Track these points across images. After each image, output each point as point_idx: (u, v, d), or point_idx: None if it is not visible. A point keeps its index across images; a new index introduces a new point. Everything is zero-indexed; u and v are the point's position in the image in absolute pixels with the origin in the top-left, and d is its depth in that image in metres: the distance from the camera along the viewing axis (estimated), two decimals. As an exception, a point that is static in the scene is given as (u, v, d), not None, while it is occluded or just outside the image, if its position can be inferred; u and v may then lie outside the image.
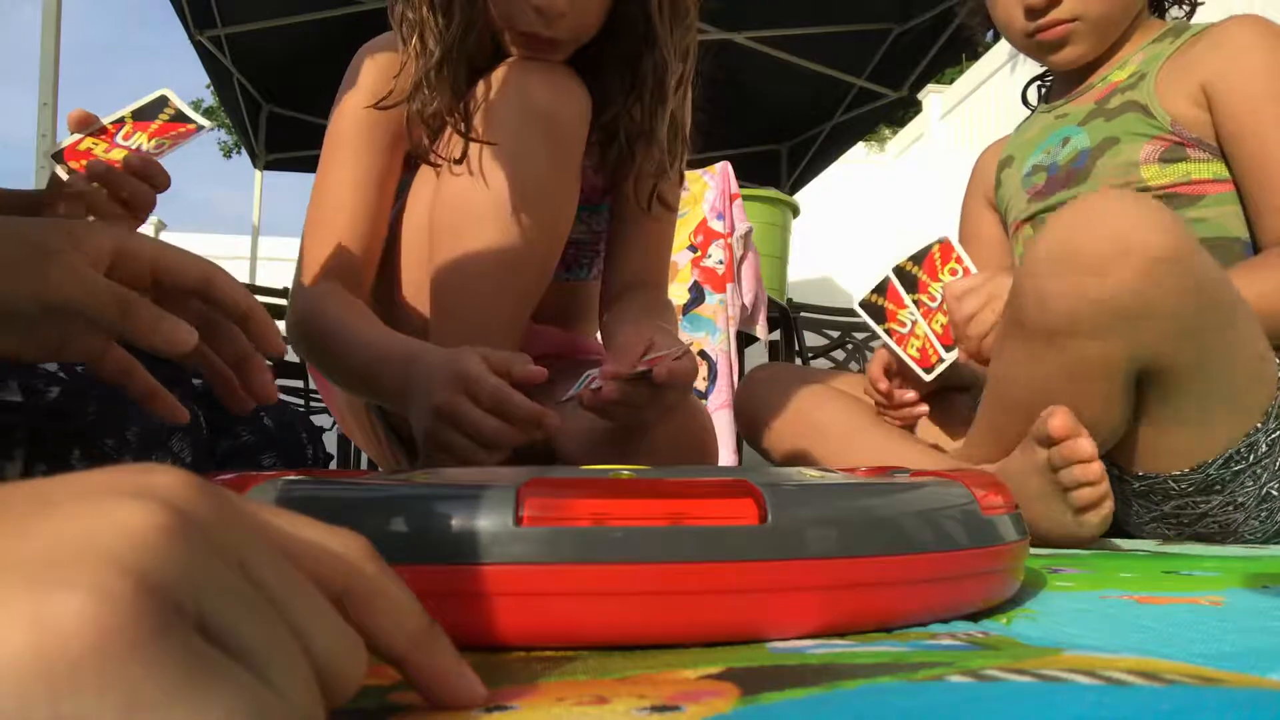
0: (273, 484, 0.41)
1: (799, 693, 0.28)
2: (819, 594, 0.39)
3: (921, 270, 0.99)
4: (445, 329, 0.89)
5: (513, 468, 0.69)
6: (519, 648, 0.36)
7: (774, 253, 2.91)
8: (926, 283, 0.99)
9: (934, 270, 0.99)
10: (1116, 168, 1.05)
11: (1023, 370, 0.88)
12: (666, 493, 0.39)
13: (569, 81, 0.90)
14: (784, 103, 3.99)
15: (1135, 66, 1.09)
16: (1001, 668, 0.30)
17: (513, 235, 0.87)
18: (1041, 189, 1.14)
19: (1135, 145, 1.04)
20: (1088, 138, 1.09)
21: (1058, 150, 1.13)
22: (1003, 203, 1.23)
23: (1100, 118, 1.09)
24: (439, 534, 0.36)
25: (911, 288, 1.00)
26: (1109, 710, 0.25)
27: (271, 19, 3.43)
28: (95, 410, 0.59)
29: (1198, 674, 0.29)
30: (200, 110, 4.86)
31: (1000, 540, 0.45)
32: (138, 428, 0.60)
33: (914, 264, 0.99)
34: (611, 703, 0.28)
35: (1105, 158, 1.06)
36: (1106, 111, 1.08)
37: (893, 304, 1.03)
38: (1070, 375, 0.83)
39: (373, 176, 0.95)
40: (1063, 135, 1.13)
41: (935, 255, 0.98)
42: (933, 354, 1.02)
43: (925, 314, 1.01)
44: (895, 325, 1.03)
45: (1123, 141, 1.05)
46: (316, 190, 0.97)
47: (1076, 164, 1.10)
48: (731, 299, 2.48)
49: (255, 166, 4.30)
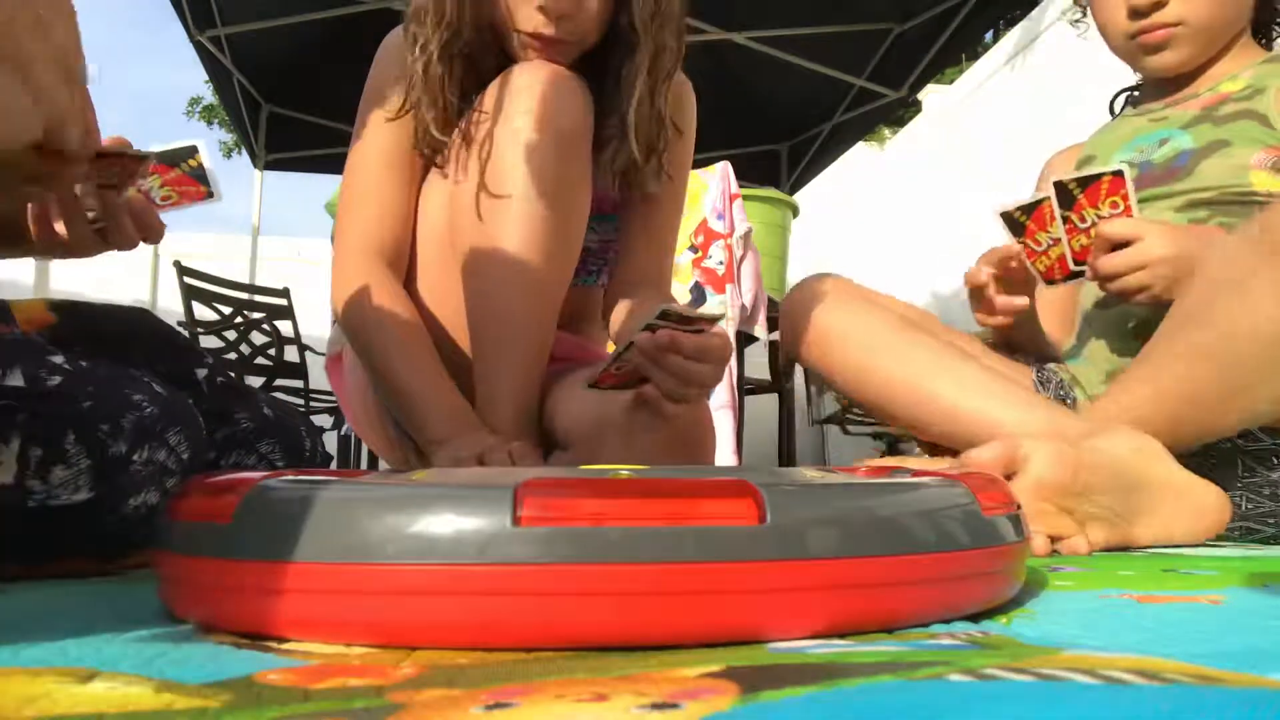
0: (273, 483, 0.41)
1: (799, 691, 0.28)
2: (819, 594, 0.38)
3: (1084, 193, 0.99)
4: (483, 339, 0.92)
5: (512, 468, 0.69)
6: (519, 648, 0.36)
7: (774, 253, 2.90)
8: (1083, 204, 0.99)
9: (1095, 197, 0.99)
10: (1224, 169, 1.04)
11: (1270, 300, 0.78)
12: (666, 493, 0.39)
13: (572, 83, 0.91)
14: (784, 103, 3.99)
15: (1248, 81, 1.09)
16: (1002, 667, 0.30)
17: (534, 241, 0.89)
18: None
19: (1248, 150, 1.03)
20: (1191, 140, 1.08)
21: (1153, 149, 1.12)
22: None
23: (1208, 123, 1.08)
24: (438, 534, 0.36)
25: (1067, 205, 0.99)
26: (1109, 710, 0.25)
27: (271, 19, 3.42)
28: (93, 398, 0.59)
29: (1198, 673, 0.29)
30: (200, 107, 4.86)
31: (1001, 540, 0.45)
32: (134, 416, 0.60)
33: (1078, 185, 0.99)
34: (611, 700, 0.28)
35: (1213, 159, 1.05)
36: (1216, 118, 1.07)
37: (1035, 224, 1.03)
38: None
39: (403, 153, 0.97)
40: (1160, 136, 1.12)
41: (1104, 183, 0.98)
42: (1059, 271, 1.02)
43: (1070, 232, 1.00)
44: (1030, 242, 1.03)
45: (1234, 145, 1.04)
46: (350, 167, 0.99)
47: (1177, 163, 1.08)
48: (731, 299, 2.48)
49: (255, 166, 4.30)
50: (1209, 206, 1.04)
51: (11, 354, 0.58)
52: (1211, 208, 1.03)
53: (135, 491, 0.60)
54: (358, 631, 0.38)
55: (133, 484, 0.60)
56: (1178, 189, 1.07)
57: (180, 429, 0.63)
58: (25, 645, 0.37)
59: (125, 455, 0.59)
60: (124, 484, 0.59)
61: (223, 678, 0.32)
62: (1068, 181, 0.99)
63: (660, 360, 0.77)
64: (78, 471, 0.58)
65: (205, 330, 3.41)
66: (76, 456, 0.58)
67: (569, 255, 0.94)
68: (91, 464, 0.58)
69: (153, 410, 0.62)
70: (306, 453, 0.83)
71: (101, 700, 0.29)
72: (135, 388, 0.62)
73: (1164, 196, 1.07)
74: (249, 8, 3.40)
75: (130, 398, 0.61)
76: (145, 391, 0.62)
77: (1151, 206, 1.07)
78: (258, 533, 0.39)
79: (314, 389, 3.68)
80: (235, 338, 3.43)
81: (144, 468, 0.60)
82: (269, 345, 3.51)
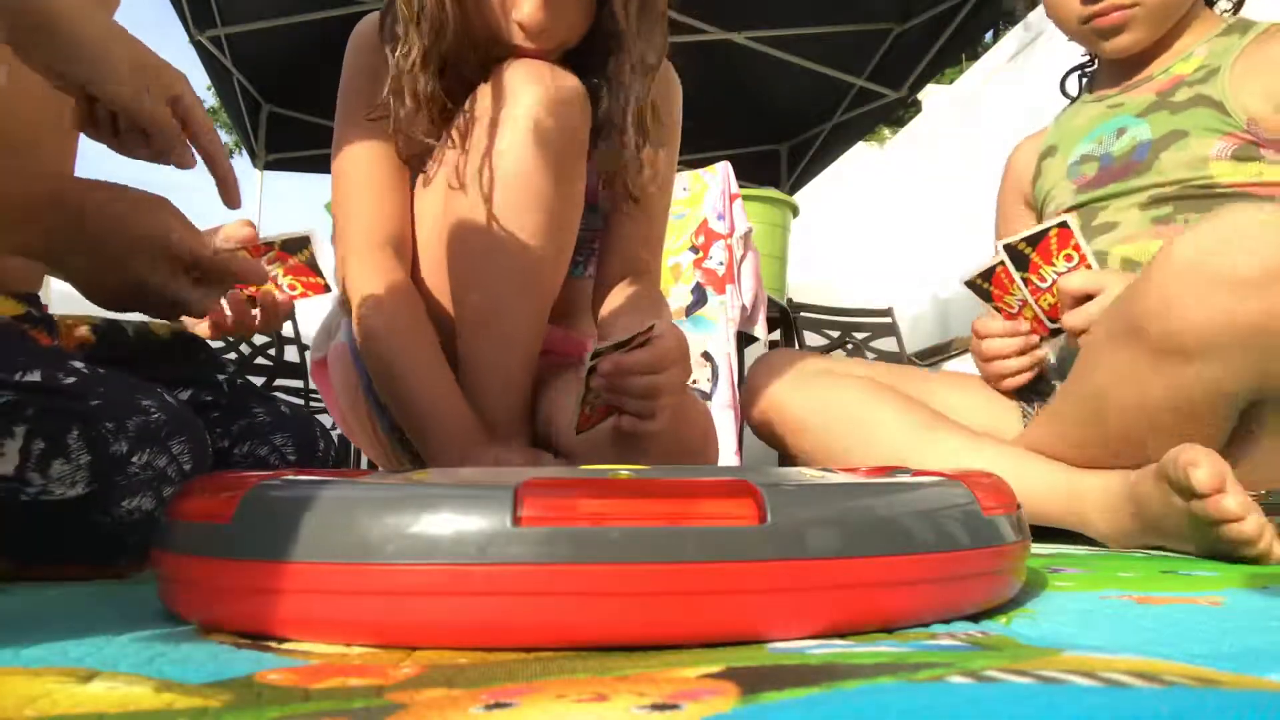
0: (274, 483, 0.41)
1: (799, 692, 0.28)
2: (819, 594, 0.38)
3: (1035, 252, 0.99)
4: (472, 336, 0.91)
5: (513, 468, 0.69)
6: (519, 648, 0.36)
7: (774, 253, 2.90)
8: (1039, 264, 0.98)
9: (1048, 254, 0.98)
10: (1184, 162, 1.02)
11: (1128, 382, 0.82)
12: (666, 493, 0.39)
13: (567, 80, 0.91)
14: (784, 103, 3.98)
15: (1202, 60, 1.06)
16: (1001, 668, 0.30)
17: (524, 241, 0.88)
18: (1093, 179, 1.10)
19: (1206, 140, 1.01)
20: (1149, 129, 1.06)
21: (1111, 140, 1.10)
22: (1041, 192, 1.19)
23: (1164, 110, 1.05)
24: (438, 534, 0.36)
25: (1022, 267, 0.99)
26: (1109, 712, 0.25)
27: (271, 19, 3.42)
28: (101, 398, 0.60)
29: (1197, 675, 0.29)
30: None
31: (1001, 541, 0.45)
32: (140, 419, 0.61)
33: (1028, 245, 0.98)
34: (611, 700, 0.28)
35: (1171, 151, 1.03)
36: (1172, 104, 1.05)
37: (998, 288, 1.02)
38: (1185, 396, 0.78)
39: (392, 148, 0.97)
40: (1117, 125, 1.10)
41: (1052, 238, 0.97)
42: (1039, 329, 1.03)
43: (1034, 293, 1.00)
44: (1001, 305, 1.04)
45: (1192, 135, 1.02)
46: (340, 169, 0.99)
47: (1136, 156, 1.06)
48: (731, 299, 2.48)
49: (255, 166, 4.30)
50: (1172, 202, 1.02)
51: (37, 357, 0.60)
52: (1174, 203, 1.02)
53: (131, 493, 0.60)
54: (358, 631, 0.38)
55: (129, 485, 0.60)
56: (1139, 184, 1.05)
57: (185, 439, 0.63)
58: (25, 645, 0.37)
59: (125, 455, 0.59)
60: (120, 483, 0.59)
61: (223, 678, 0.32)
62: (1017, 243, 0.99)
63: (621, 387, 0.77)
64: (76, 467, 0.58)
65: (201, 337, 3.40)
66: (77, 452, 0.58)
67: (563, 254, 0.94)
68: (91, 460, 0.58)
69: (159, 416, 0.62)
70: (319, 452, 0.83)
71: (101, 700, 0.29)
72: (147, 395, 0.63)
73: (1126, 193, 1.05)
74: (249, 8, 3.39)
75: (139, 402, 0.62)
76: (155, 399, 0.63)
77: (1115, 203, 1.06)
78: (258, 533, 0.39)
79: (314, 389, 3.68)
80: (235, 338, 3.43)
81: (142, 471, 0.60)
82: (269, 345, 3.51)
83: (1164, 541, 0.81)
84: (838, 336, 3.31)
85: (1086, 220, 1.07)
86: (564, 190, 0.91)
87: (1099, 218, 1.07)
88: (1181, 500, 0.74)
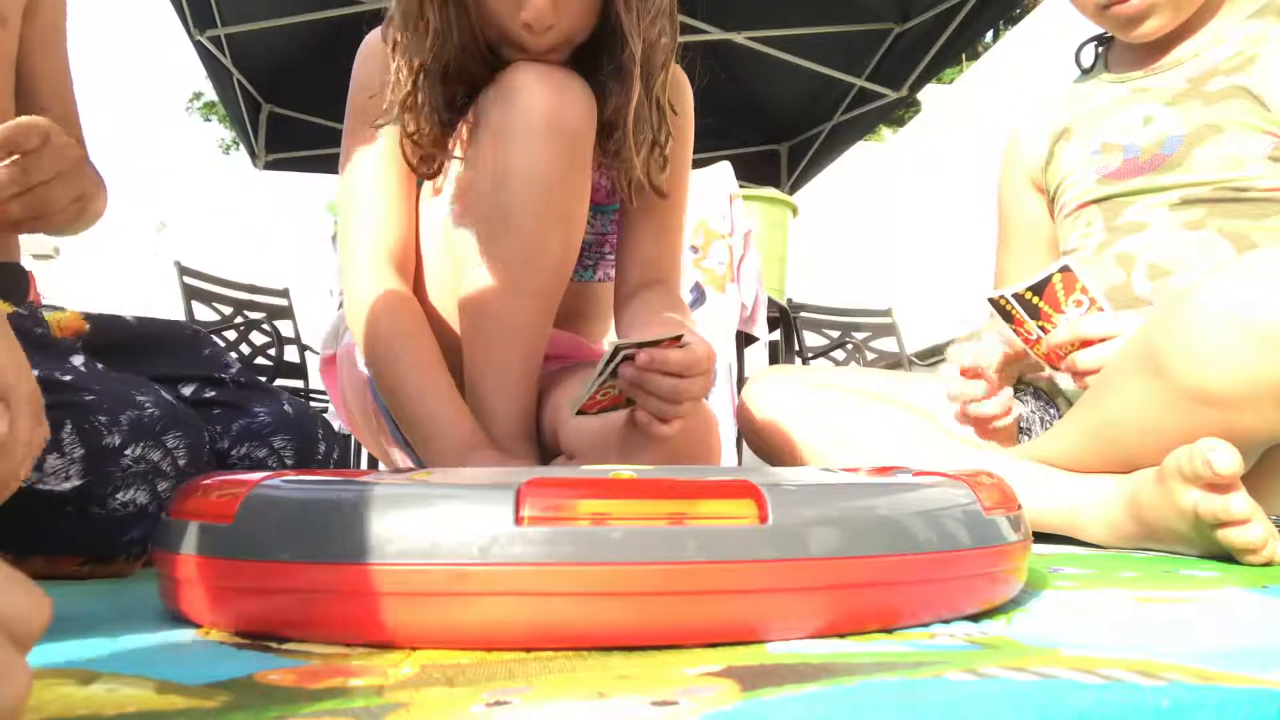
0: (274, 483, 0.41)
1: (798, 688, 0.28)
2: (820, 594, 0.38)
3: (1043, 300, 0.95)
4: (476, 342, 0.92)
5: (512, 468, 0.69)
6: (519, 648, 0.36)
7: (774, 253, 2.90)
8: (1049, 313, 0.95)
9: (1056, 301, 0.94)
10: (1217, 161, 0.96)
11: (1148, 419, 0.78)
12: (667, 493, 0.39)
13: (573, 82, 0.90)
14: (784, 103, 3.98)
15: (1238, 46, 0.99)
16: (1001, 667, 0.30)
17: (531, 245, 0.88)
18: (1117, 171, 1.03)
19: (1241, 138, 0.95)
20: (1180, 122, 0.99)
21: (1137, 129, 1.03)
22: (1055, 178, 1.12)
23: (1197, 100, 0.99)
24: (439, 534, 0.36)
25: (1034, 315, 0.95)
26: (1108, 709, 0.25)
27: (271, 19, 3.42)
28: (97, 393, 0.60)
29: (1196, 673, 0.29)
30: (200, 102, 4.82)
31: (1001, 540, 0.45)
32: (135, 414, 0.61)
33: (1034, 294, 0.94)
34: (611, 698, 0.28)
35: (1205, 148, 0.97)
36: (1205, 95, 0.98)
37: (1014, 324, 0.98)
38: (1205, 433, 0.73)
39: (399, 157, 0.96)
40: (1143, 113, 1.03)
41: (1056, 284, 0.93)
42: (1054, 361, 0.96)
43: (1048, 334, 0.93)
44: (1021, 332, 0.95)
45: (1226, 132, 0.96)
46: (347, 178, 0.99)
47: (1165, 150, 0.99)
48: (731, 299, 2.48)
49: (255, 166, 4.30)
50: (1204, 205, 0.96)
51: (38, 353, 0.59)
52: (1207, 206, 0.96)
53: (123, 486, 0.60)
54: (358, 631, 0.38)
55: (122, 478, 0.60)
56: (1168, 182, 0.99)
57: (181, 434, 0.63)
58: (26, 645, 0.37)
59: (118, 448, 0.59)
60: (112, 476, 0.59)
61: (223, 678, 0.32)
62: (1023, 293, 0.91)
63: (645, 383, 0.76)
64: (70, 461, 0.58)
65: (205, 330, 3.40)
66: (71, 446, 0.58)
67: (569, 255, 0.94)
68: (84, 453, 0.58)
69: (154, 411, 0.62)
70: (319, 455, 0.82)
71: (101, 700, 0.29)
72: (143, 390, 0.63)
73: (1154, 190, 0.99)
74: (249, 8, 3.39)
75: (134, 397, 0.62)
76: (151, 395, 0.63)
77: (1142, 200, 1.00)
78: (258, 533, 0.39)
79: (314, 389, 3.68)
80: (235, 338, 3.43)
81: (135, 464, 0.60)
82: (269, 345, 3.51)
83: (1162, 546, 0.81)
84: (838, 336, 3.31)
85: (1110, 216, 1.02)
86: (570, 191, 0.91)
87: (1124, 215, 1.01)
88: (1188, 499, 0.72)
